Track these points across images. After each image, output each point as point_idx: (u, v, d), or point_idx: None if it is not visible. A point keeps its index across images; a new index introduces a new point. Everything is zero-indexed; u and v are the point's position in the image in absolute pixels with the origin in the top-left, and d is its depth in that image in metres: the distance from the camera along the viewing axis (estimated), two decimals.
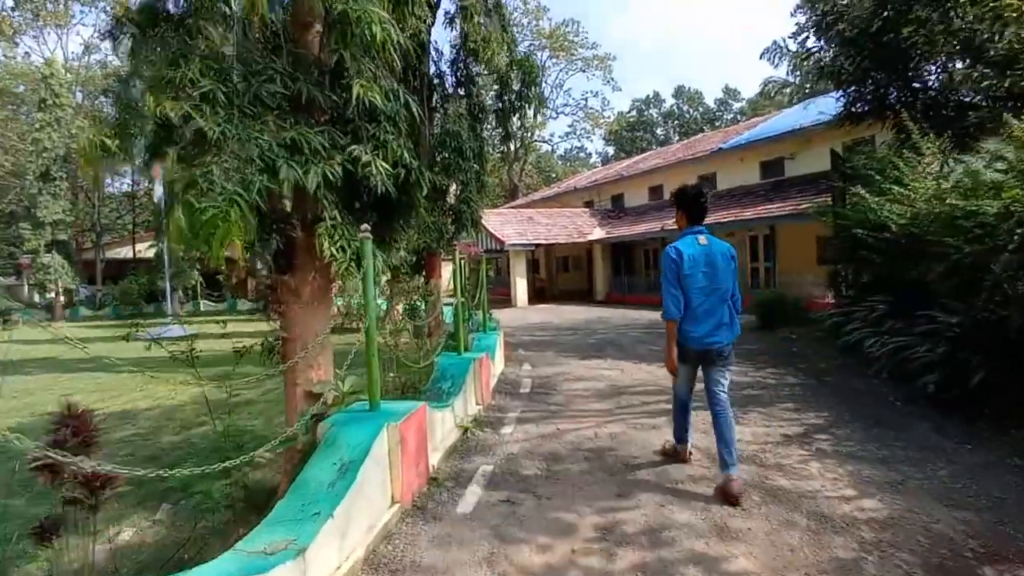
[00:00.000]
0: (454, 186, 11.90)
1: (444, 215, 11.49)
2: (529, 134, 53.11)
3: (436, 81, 12.05)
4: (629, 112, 66.61)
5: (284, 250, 4.47)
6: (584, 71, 51.32)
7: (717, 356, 4.04)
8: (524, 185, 52.57)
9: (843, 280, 10.34)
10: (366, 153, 4.21)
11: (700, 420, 5.03)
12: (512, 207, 33.95)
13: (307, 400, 4.37)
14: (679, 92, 64.76)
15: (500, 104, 12.26)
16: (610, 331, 13.29)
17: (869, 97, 10.83)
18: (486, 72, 12.61)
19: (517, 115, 12.38)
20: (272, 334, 4.59)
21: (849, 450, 4.53)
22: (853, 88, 11.12)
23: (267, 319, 4.58)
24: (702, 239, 4.06)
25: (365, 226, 3.94)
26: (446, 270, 14.81)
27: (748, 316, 13.56)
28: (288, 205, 4.57)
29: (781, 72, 43.13)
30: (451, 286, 13.72)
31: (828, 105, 18.69)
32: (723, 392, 4.04)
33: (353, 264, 4.16)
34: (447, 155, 11.40)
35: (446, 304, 12.30)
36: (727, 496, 3.70)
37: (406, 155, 4.51)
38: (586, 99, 53.10)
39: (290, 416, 4.48)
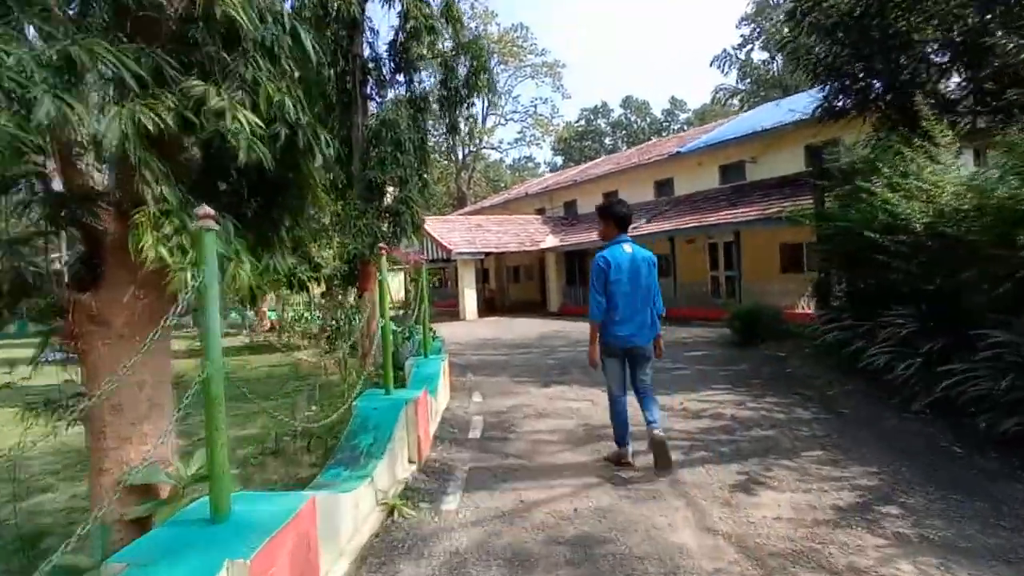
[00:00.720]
0: (392, 187, 10.32)
1: (380, 217, 9.85)
2: (478, 140, 51.87)
3: (371, 65, 10.43)
4: (577, 121, 66.40)
5: (87, 252, 2.81)
6: (533, 78, 50.55)
7: (640, 354, 4.54)
8: (472, 194, 51.12)
9: (834, 290, 9.24)
10: (217, 95, 2.60)
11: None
12: (460, 214, 32.36)
13: (126, 496, 2.70)
14: (627, 102, 64.95)
15: (445, 92, 10.74)
16: (570, 348, 11.88)
17: (853, 90, 9.81)
18: (429, 56, 11.09)
19: (464, 104, 10.88)
20: (69, 387, 2.89)
21: (943, 536, 3.16)
22: (836, 82, 10.09)
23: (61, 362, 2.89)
24: (627, 247, 4.44)
25: (205, 210, 2.30)
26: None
27: (722, 330, 12.43)
28: (100, 179, 2.91)
29: (732, 79, 43.57)
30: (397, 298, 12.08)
31: (795, 104, 18.07)
32: (647, 381, 4.62)
33: (200, 273, 2.53)
34: (384, 148, 9.81)
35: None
36: (658, 447, 4.31)
37: (290, 106, 2.90)
38: (535, 106, 52.02)
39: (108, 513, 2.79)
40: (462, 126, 11.07)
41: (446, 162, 54.10)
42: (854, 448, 4.69)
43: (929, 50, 8.85)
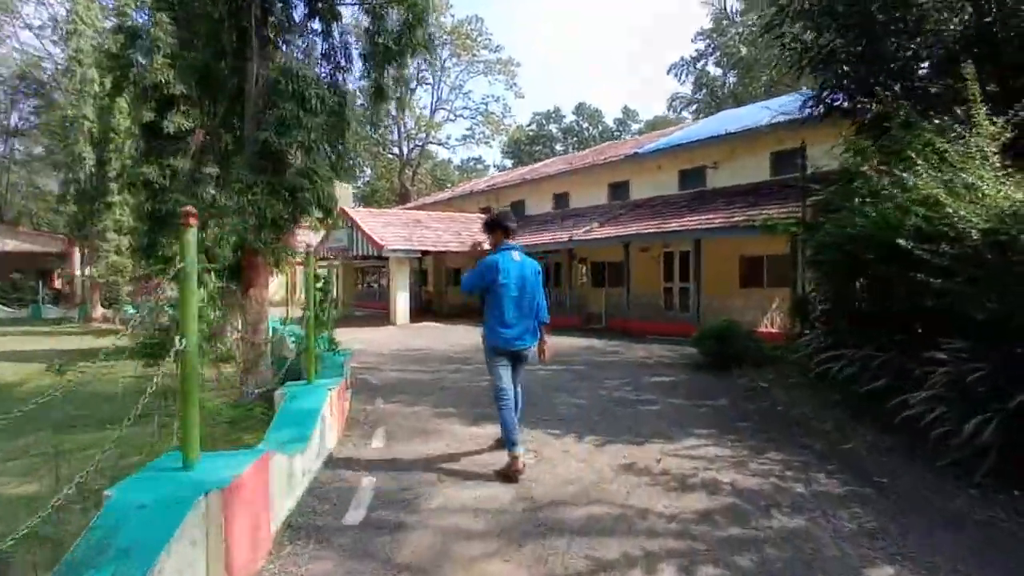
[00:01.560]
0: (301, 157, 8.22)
1: (275, 194, 7.72)
2: (425, 133, 49.64)
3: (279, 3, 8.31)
4: (529, 125, 65.07)
5: None
6: (486, 74, 48.77)
7: (524, 357, 4.74)
8: (417, 191, 48.81)
9: (818, 309, 7.76)
10: None
11: None
12: (399, 208, 30.14)
13: None
14: (580, 109, 64.10)
15: (371, 47, 8.73)
16: None
17: (850, 80, 8.35)
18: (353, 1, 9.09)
19: (394, 64, 8.89)
20: None
21: None
22: (830, 73, 8.61)
23: None
24: (515, 255, 4.66)
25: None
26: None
27: (683, 349, 10.84)
28: None
29: (688, 89, 43.02)
30: (296, 297, 9.98)
31: (757, 113, 16.90)
32: (519, 382, 4.84)
33: None
34: (285, 106, 7.71)
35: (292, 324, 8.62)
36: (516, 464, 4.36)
37: None
38: (487, 104, 50.16)
39: None
40: (391, 90, 9.05)
41: (391, 156, 51.70)
42: (930, 555, 3.01)
43: (946, 34, 7.46)
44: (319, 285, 8.12)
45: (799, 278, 11.45)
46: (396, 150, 51.05)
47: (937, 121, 5.75)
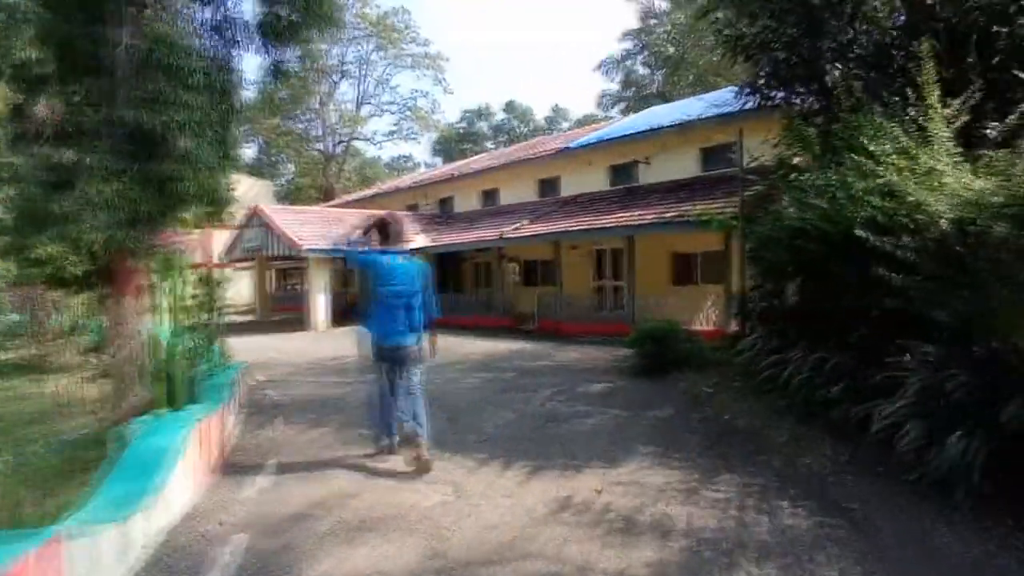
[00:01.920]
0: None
1: (148, 185, 6.53)
2: (350, 130, 47.75)
3: None
4: (459, 122, 64.04)
5: None
6: (413, 68, 47.35)
7: (406, 356, 4.74)
8: (342, 188, 46.82)
9: (757, 308, 7.34)
10: None
11: None
12: (321, 206, 28.55)
13: None
14: (510, 107, 63.65)
15: (269, 19, 7.64)
16: (433, 372, 9.16)
17: (788, 66, 7.96)
18: None
19: (297, 39, 7.83)
20: None
21: None
22: (767, 62, 8.20)
23: None
24: (400, 258, 4.89)
25: None
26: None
27: (617, 351, 10.29)
28: None
29: (616, 87, 43.20)
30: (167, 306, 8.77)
31: (688, 108, 16.71)
32: (416, 386, 4.79)
33: None
34: (160, 81, 6.56)
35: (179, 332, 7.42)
36: (420, 461, 4.50)
37: None
38: (415, 98, 48.71)
39: None
40: (292, 67, 7.98)
41: (315, 152, 49.36)
42: None
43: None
44: (191, 291, 7.06)
45: (736, 275, 11.17)
46: (320, 146, 48.86)
47: (885, 104, 5.33)
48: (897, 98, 5.29)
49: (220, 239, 34.26)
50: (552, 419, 5.91)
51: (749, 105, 9.23)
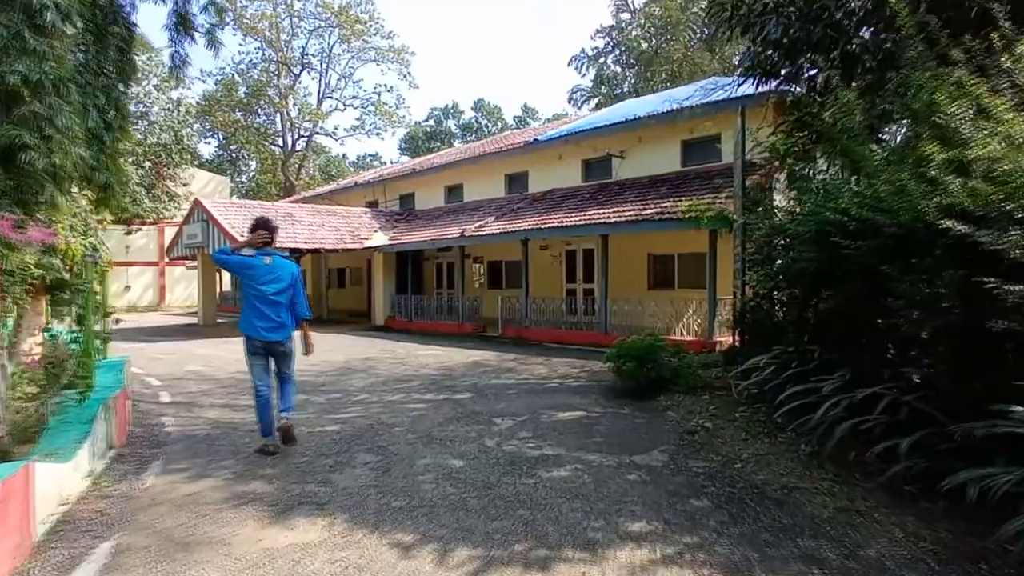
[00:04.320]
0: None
1: None
2: (311, 124, 45.67)
3: None
4: (427, 120, 62.36)
5: None
6: (378, 62, 45.47)
7: (280, 351, 5.07)
8: (304, 185, 44.72)
9: (784, 323, 6.04)
10: None
11: None
12: (272, 202, 26.71)
13: None
14: (478, 105, 62.27)
15: None
16: (374, 391, 7.73)
17: (799, 34, 6.71)
18: None
19: None
20: None
21: None
22: (772, 26, 6.97)
23: None
24: (267, 259, 5.04)
25: None
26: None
27: (591, 363, 8.99)
28: None
29: (588, 82, 42.11)
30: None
31: (668, 97, 15.50)
32: (288, 373, 5.18)
33: None
34: (1, 18, 5.01)
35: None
36: (286, 433, 5.07)
37: None
38: (379, 93, 46.79)
39: None
40: (198, 19, 6.47)
41: (275, 148, 47.12)
42: None
43: None
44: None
45: (724, 279, 10.00)
46: (280, 141, 46.64)
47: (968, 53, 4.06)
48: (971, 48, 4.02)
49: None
50: (512, 468, 4.51)
51: (745, 88, 8.03)
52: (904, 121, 4.02)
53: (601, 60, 39.97)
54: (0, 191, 4.98)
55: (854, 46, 5.67)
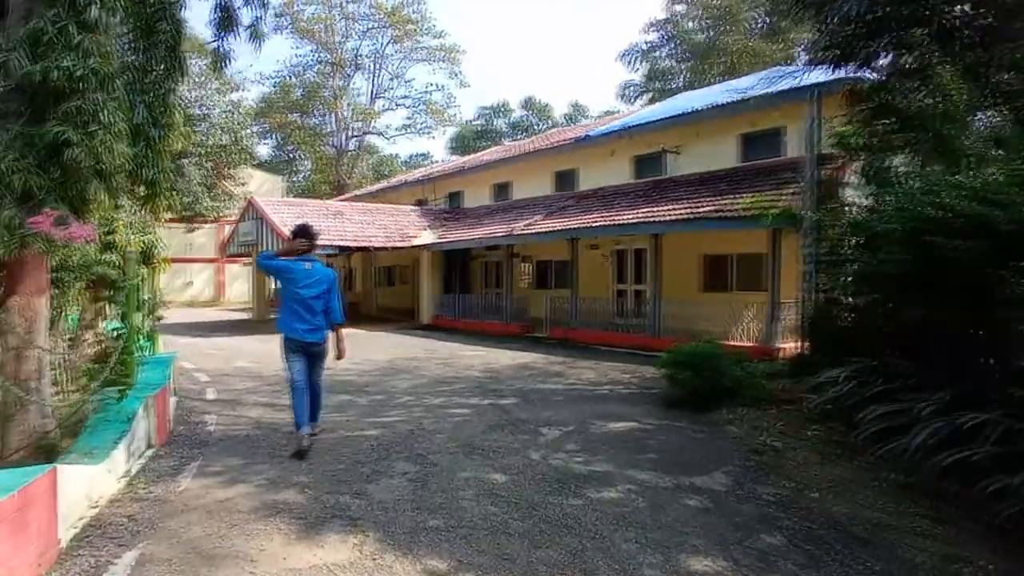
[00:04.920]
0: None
1: (28, 152, 4.92)
2: (362, 124, 46.36)
3: None
4: (476, 119, 62.42)
5: None
6: (428, 61, 45.78)
7: (316, 352, 5.26)
8: (355, 184, 45.45)
9: (870, 330, 5.45)
10: None
11: None
12: (322, 200, 27.08)
13: None
14: (528, 103, 61.89)
15: None
16: (417, 394, 7.50)
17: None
18: None
19: None
20: None
21: None
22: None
23: None
24: (307, 265, 5.23)
25: None
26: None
27: (641, 368, 8.53)
28: None
29: (640, 78, 41.23)
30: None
31: (717, 95, 14.78)
32: (319, 377, 5.37)
33: None
34: (45, 15, 4.99)
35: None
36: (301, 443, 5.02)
37: None
38: (429, 92, 47.12)
39: None
40: (242, 13, 6.37)
41: (329, 150, 48.05)
42: None
43: None
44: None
45: (788, 281, 9.36)
46: (333, 141, 47.56)
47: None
48: None
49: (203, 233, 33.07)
50: (558, 486, 4.16)
51: (816, 75, 7.42)
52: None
53: (653, 54, 39.04)
54: (45, 188, 4.95)
55: (952, 20, 5.05)
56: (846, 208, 5.76)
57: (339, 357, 5.47)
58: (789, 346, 10.10)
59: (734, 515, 3.60)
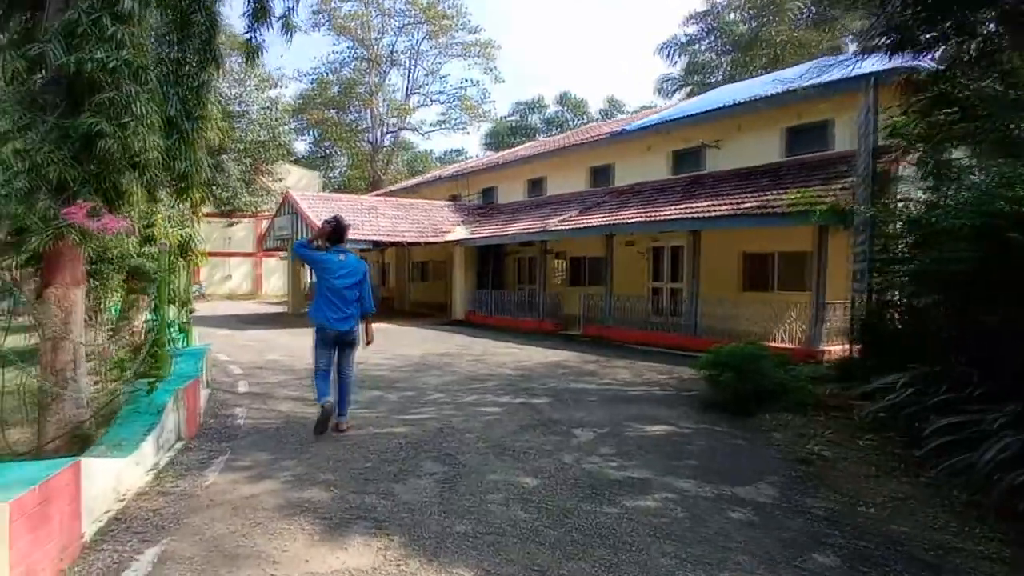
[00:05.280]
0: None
1: (63, 144, 4.93)
2: (396, 120, 46.66)
3: None
4: (510, 115, 62.20)
5: None
6: (463, 57, 45.79)
7: (345, 340, 5.40)
8: (390, 180, 45.79)
9: (931, 335, 5.10)
10: None
11: None
12: (357, 195, 27.30)
13: None
14: (563, 99, 61.39)
15: None
16: (448, 391, 7.37)
17: None
18: None
19: None
20: None
21: None
22: None
23: None
24: (341, 256, 5.44)
25: None
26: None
27: (678, 369, 8.24)
28: None
29: (677, 72, 40.45)
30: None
31: (760, 87, 14.30)
32: (349, 372, 5.55)
33: None
34: (80, 6, 5.00)
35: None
36: (337, 428, 5.37)
37: None
38: (464, 88, 47.17)
39: None
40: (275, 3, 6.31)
41: (365, 145, 48.55)
42: None
43: None
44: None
45: (837, 281, 8.95)
46: (368, 137, 48.01)
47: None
48: None
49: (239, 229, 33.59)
50: (592, 492, 3.96)
51: (870, 64, 7.02)
52: None
53: (693, 47, 38.23)
54: (80, 179, 4.96)
55: (1021, 2, 4.66)
56: (901, 204, 5.38)
57: (367, 343, 5.71)
58: (835, 349, 9.67)
59: (782, 531, 3.35)
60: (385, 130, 47.40)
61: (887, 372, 4.88)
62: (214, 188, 25.54)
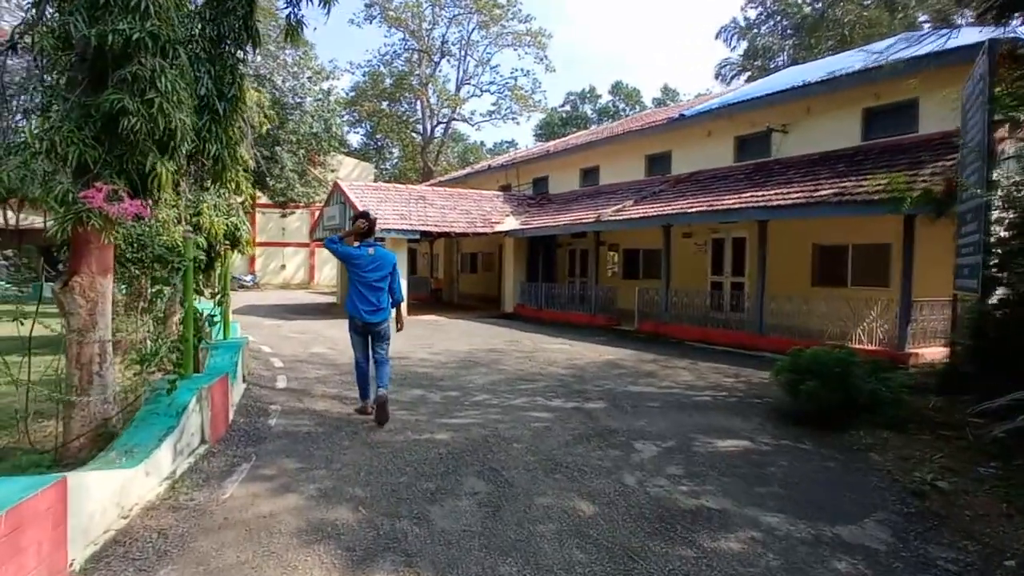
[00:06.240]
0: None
1: (85, 122, 4.61)
2: (449, 110, 46.47)
3: None
4: (563, 106, 61.21)
5: None
6: (515, 47, 45.11)
7: (376, 331, 5.61)
8: (441, 170, 45.71)
9: None
10: None
11: None
12: (405, 185, 27.13)
13: None
14: (616, 88, 59.98)
15: None
16: (495, 392, 6.83)
17: None
18: None
19: None
20: None
21: None
22: None
23: None
24: (371, 251, 5.63)
25: None
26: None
27: (745, 371, 7.44)
28: None
29: (738, 57, 38.73)
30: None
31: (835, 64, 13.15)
32: (383, 353, 5.67)
33: None
34: None
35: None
36: (380, 409, 5.42)
37: None
38: (515, 78, 46.53)
39: None
40: None
41: (416, 136, 48.66)
42: None
43: None
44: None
45: (958, 278, 7.95)
46: (420, 128, 48.07)
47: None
48: None
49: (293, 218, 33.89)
50: (661, 526, 3.34)
51: (968, 36, 6.08)
52: None
53: (753, 31, 36.44)
54: (101, 160, 4.62)
55: None
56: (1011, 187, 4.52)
57: (398, 329, 6.00)
58: (924, 352, 8.68)
59: None
60: (436, 121, 47.30)
61: (1004, 384, 4.06)
62: (268, 179, 25.78)
